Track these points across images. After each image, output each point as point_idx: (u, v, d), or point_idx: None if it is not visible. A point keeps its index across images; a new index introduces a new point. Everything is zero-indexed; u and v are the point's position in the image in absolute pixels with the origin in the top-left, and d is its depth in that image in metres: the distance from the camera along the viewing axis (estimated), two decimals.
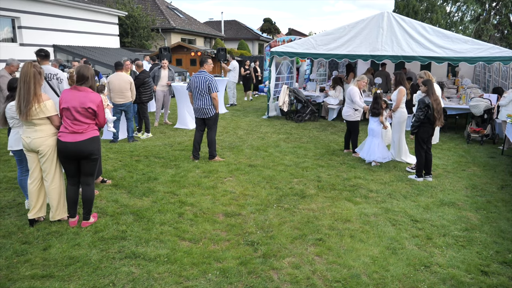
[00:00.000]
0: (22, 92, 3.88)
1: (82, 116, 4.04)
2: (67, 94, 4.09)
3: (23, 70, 3.92)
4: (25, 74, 3.90)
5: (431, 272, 3.50)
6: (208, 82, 6.42)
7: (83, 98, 4.04)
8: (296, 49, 10.68)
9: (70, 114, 4.02)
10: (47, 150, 4.06)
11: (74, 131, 4.03)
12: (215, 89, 6.48)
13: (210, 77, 6.45)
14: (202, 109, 6.57)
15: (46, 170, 4.13)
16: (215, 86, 6.48)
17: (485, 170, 6.60)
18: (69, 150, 4.02)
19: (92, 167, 4.21)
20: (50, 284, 3.22)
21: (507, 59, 8.71)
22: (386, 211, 4.81)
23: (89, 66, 4.32)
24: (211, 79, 6.44)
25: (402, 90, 6.53)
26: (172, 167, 6.42)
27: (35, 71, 3.97)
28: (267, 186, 5.60)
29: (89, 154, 4.10)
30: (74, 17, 15.99)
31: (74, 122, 4.04)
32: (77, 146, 4.01)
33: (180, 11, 28.39)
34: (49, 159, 4.10)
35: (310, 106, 10.91)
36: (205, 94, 6.47)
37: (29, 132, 4.02)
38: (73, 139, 4.01)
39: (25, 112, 3.88)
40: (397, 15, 9.78)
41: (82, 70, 4.14)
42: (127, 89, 7.62)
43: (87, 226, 4.22)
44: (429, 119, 5.72)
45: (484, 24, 23.79)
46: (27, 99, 3.88)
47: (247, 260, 3.61)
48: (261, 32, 40.68)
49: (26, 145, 4.04)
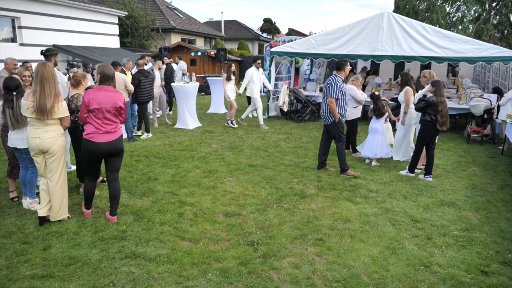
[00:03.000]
0: (48, 91, 3.91)
1: (113, 115, 4.14)
2: (96, 94, 4.08)
3: (46, 70, 3.95)
4: (50, 74, 3.95)
5: (431, 272, 3.50)
6: (328, 85, 5.99)
7: (114, 98, 4.14)
8: (296, 49, 10.68)
9: (102, 115, 4.07)
10: (58, 150, 4.10)
11: (107, 131, 4.12)
12: (332, 94, 5.93)
13: (333, 81, 5.95)
14: (323, 115, 6.19)
15: (53, 170, 4.14)
16: (334, 91, 5.93)
17: (485, 170, 6.59)
18: (102, 150, 4.11)
19: (120, 163, 4.40)
20: (50, 284, 3.22)
21: (507, 59, 8.71)
22: (386, 211, 4.81)
23: (109, 65, 4.34)
24: (332, 83, 5.94)
25: (408, 91, 6.53)
26: (172, 167, 6.42)
27: (54, 71, 4.05)
28: (267, 186, 5.60)
29: (119, 152, 4.26)
30: (74, 17, 15.99)
31: (105, 122, 4.11)
32: (111, 145, 4.14)
33: (180, 11, 28.38)
34: (57, 159, 4.13)
35: (310, 106, 10.91)
36: (326, 99, 6.09)
37: (39, 132, 4.01)
38: (107, 139, 4.11)
39: (49, 111, 3.93)
40: (397, 15, 9.78)
41: (105, 70, 4.18)
42: (122, 88, 7.56)
43: (87, 227, 4.22)
44: (433, 121, 5.71)
45: (484, 24, 23.78)
46: (54, 98, 3.94)
47: (247, 260, 3.61)
48: (261, 32, 40.68)
49: (35, 146, 4.02)
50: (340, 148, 6.16)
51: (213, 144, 8.10)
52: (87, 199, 4.42)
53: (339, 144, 6.16)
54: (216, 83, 12.30)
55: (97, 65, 4.41)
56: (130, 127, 8.16)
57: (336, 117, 6.03)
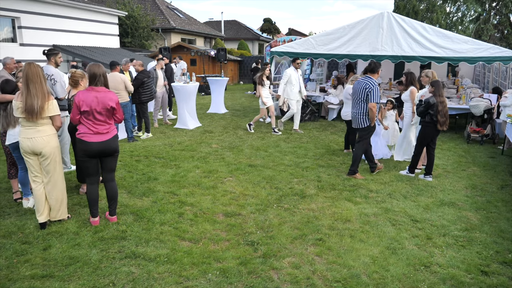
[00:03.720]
0: (34, 91, 3.87)
1: (104, 116, 4.08)
2: (85, 96, 4.03)
3: (30, 70, 3.92)
4: (34, 74, 3.91)
5: (431, 272, 3.50)
6: (368, 89, 5.85)
7: (103, 99, 4.06)
8: (296, 49, 10.68)
9: (92, 116, 4.03)
10: (51, 152, 4.06)
11: (98, 132, 4.07)
12: (374, 99, 5.86)
13: (372, 85, 5.87)
14: (355, 117, 6.08)
15: (50, 172, 4.11)
16: (376, 96, 5.86)
17: (485, 170, 6.59)
18: (94, 150, 4.07)
19: (115, 163, 4.35)
20: (50, 284, 3.22)
21: (507, 59, 8.71)
22: (386, 211, 4.81)
23: (100, 64, 4.26)
24: (373, 87, 5.85)
25: (413, 91, 6.52)
26: (172, 167, 6.42)
27: (41, 70, 4.01)
28: (267, 186, 5.60)
29: (113, 152, 4.21)
30: (74, 17, 15.99)
31: (96, 123, 4.06)
32: (103, 145, 4.09)
33: (180, 11, 28.37)
34: (52, 161, 4.09)
35: (310, 106, 10.91)
36: (361, 102, 5.97)
37: (30, 132, 3.98)
38: (98, 139, 4.06)
39: (39, 111, 3.89)
40: (397, 15, 9.79)
41: (92, 69, 4.09)
42: (122, 88, 7.56)
43: (87, 227, 4.22)
44: (433, 121, 5.71)
45: (484, 24, 23.77)
46: (42, 97, 3.90)
47: (247, 260, 3.61)
48: (261, 32, 40.68)
49: (27, 147, 3.98)
50: (362, 149, 6.14)
51: (213, 144, 8.10)
52: (91, 205, 4.26)
53: (361, 146, 6.13)
54: (216, 83, 12.29)
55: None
56: (130, 127, 8.16)
57: (373, 121, 6.03)
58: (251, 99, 16.40)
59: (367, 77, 6.05)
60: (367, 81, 5.95)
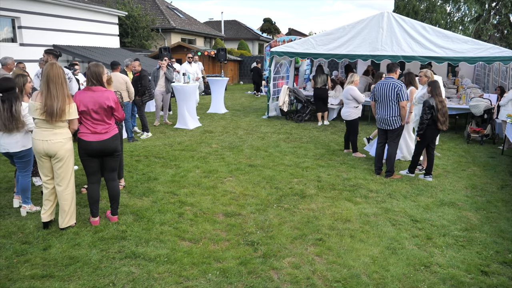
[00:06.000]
0: (54, 92, 3.81)
1: (102, 115, 4.07)
2: (82, 96, 4.04)
3: (52, 70, 3.86)
4: (56, 74, 3.86)
5: (431, 272, 3.50)
6: (398, 89, 5.93)
7: (100, 98, 4.05)
8: (296, 49, 10.67)
9: (89, 116, 4.03)
10: (66, 155, 4.01)
11: (96, 131, 4.06)
12: (405, 97, 5.95)
13: (399, 84, 5.96)
14: (386, 119, 6.06)
15: (62, 175, 4.05)
16: (405, 94, 5.97)
17: (485, 170, 6.59)
18: (94, 149, 4.06)
19: (116, 163, 4.32)
20: (50, 284, 3.22)
21: (507, 59, 8.71)
22: (386, 211, 4.81)
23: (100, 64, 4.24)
24: (401, 86, 5.95)
25: (413, 91, 6.52)
26: (172, 167, 6.42)
27: (63, 71, 3.96)
28: (267, 186, 5.60)
29: (113, 151, 4.19)
30: (74, 17, 15.98)
31: (94, 123, 4.06)
32: (102, 144, 4.08)
33: (180, 11, 28.37)
34: (66, 164, 4.04)
35: (310, 106, 10.91)
36: (392, 103, 5.99)
37: (46, 135, 3.90)
38: (97, 139, 4.05)
39: (59, 113, 3.83)
40: (397, 15, 9.78)
41: (92, 69, 4.10)
42: (123, 89, 7.57)
43: (87, 227, 4.22)
44: (434, 121, 5.70)
45: (484, 24, 23.77)
46: (62, 99, 3.84)
47: (247, 260, 3.61)
48: (261, 32, 40.67)
49: (41, 149, 3.92)
50: (396, 148, 6.16)
51: (213, 144, 8.10)
52: (91, 205, 4.26)
53: (395, 146, 6.13)
54: (216, 83, 12.29)
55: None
56: (130, 127, 8.16)
57: (404, 121, 6.08)
58: (251, 99, 16.41)
59: (389, 77, 6.08)
60: (393, 82, 6.00)
